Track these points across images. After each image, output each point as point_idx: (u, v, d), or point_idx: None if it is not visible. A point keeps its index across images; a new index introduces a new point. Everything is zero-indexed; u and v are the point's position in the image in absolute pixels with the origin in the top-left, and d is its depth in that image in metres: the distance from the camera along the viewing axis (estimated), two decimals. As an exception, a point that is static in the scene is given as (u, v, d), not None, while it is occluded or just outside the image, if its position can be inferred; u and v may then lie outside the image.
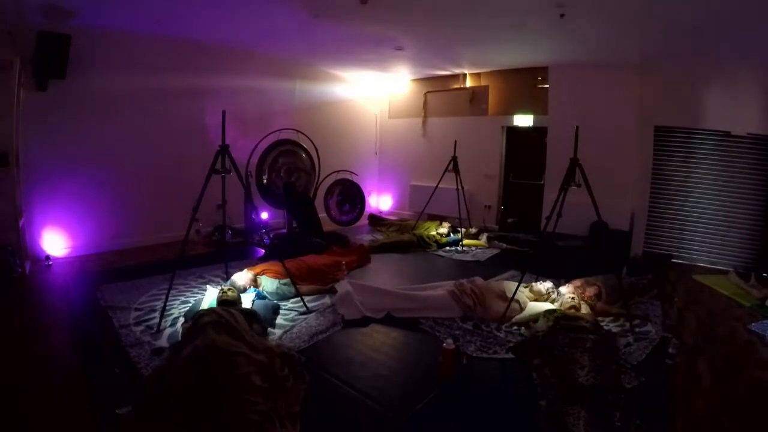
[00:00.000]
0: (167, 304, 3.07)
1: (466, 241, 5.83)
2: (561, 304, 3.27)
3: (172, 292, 3.18)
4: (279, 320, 3.15)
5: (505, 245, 5.71)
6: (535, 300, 3.47)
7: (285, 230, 6.18)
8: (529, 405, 2.20)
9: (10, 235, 3.82)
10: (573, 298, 3.30)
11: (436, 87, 7.33)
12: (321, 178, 6.52)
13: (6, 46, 3.74)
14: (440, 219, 6.45)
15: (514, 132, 6.66)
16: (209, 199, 3.30)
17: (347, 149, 7.63)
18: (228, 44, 5.51)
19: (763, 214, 4.76)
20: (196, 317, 2.47)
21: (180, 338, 2.61)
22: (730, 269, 4.64)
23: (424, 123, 7.56)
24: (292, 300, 3.49)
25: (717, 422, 2.08)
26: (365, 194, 7.28)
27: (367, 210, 7.45)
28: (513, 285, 3.41)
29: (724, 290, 4.05)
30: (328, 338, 2.93)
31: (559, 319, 2.77)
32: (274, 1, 3.82)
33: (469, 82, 6.95)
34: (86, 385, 2.22)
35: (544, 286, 3.55)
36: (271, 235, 4.78)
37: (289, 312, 3.31)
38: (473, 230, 6.20)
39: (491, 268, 4.76)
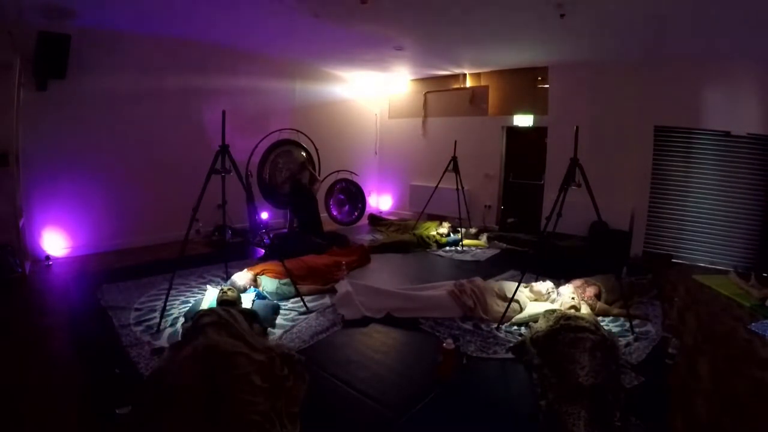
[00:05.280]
0: (167, 304, 3.07)
1: (466, 241, 5.83)
2: (561, 304, 3.27)
3: (172, 292, 3.18)
4: (279, 320, 3.15)
5: (505, 245, 5.71)
6: (535, 300, 3.47)
7: (285, 230, 6.18)
8: (529, 405, 2.20)
9: (10, 235, 3.82)
10: (573, 298, 3.30)
11: (436, 87, 7.33)
12: (321, 178, 6.52)
13: (6, 46, 3.74)
14: (440, 219, 6.45)
15: (514, 132, 6.66)
16: (209, 199, 3.30)
17: (347, 149, 7.63)
18: (228, 44, 5.51)
19: (763, 214, 4.76)
20: (196, 317, 2.47)
21: (180, 338, 2.62)
22: (730, 269, 4.64)
23: (424, 123, 7.56)
24: (292, 300, 3.49)
25: (717, 422, 2.08)
26: (365, 194, 7.29)
27: (367, 210, 7.45)
28: (513, 285, 3.41)
29: (724, 290, 4.05)
30: (328, 338, 2.92)
31: (559, 319, 2.77)
32: (274, 1, 3.82)
33: (469, 82, 6.95)
34: (86, 385, 2.22)
35: (544, 286, 3.55)
36: (271, 235, 4.78)
37: (289, 312, 3.31)
38: (473, 230, 6.20)
39: (491, 268, 4.76)
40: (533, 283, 3.61)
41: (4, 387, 2.18)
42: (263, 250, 5.13)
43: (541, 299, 3.48)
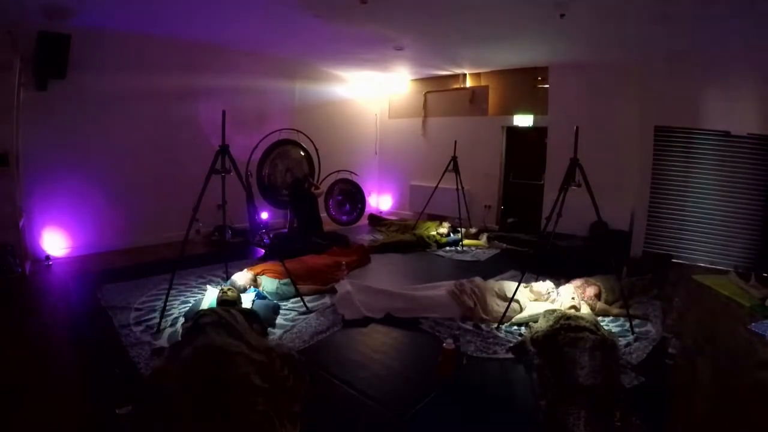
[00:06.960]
0: (167, 304, 3.07)
1: (466, 241, 5.83)
2: (561, 304, 3.27)
3: (172, 292, 3.17)
4: (279, 320, 3.15)
5: (505, 245, 5.71)
6: (535, 300, 3.47)
7: (285, 230, 6.18)
8: (529, 405, 2.20)
9: (10, 235, 3.82)
10: (573, 298, 3.30)
11: (436, 87, 7.32)
12: (321, 178, 6.53)
13: (6, 46, 3.74)
14: (440, 219, 6.45)
15: (514, 132, 6.66)
16: (209, 199, 3.30)
17: (347, 149, 7.63)
18: (228, 44, 5.51)
19: (763, 214, 4.76)
20: (196, 317, 2.47)
21: (180, 338, 2.62)
22: (730, 269, 4.63)
23: (424, 123, 7.56)
24: (292, 300, 3.49)
25: (717, 422, 2.08)
26: (365, 194, 7.29)
27: (367, 210, 7.45)
28: (513, 285, 3.40)
29: (724, 290, 4.04)
30: (328, 338, 2.93)
31: (559, 319, 2.77)
32: (274, 1, 3.82)
33: (469, 82, 6.95)
34: (86, 385, 2.22)
35: (544, 286, 3.55)
36: (271, 235, 4.77)
37: (289, 312, 3.31)
38: (473, 230, 6.20)
39: (491, 268, 4.75)
40: (533, 283, 3.60)
41: (4, 387, 2.18)
42: (263, 250, 5.13)
43: (541, 299, 3.47)
